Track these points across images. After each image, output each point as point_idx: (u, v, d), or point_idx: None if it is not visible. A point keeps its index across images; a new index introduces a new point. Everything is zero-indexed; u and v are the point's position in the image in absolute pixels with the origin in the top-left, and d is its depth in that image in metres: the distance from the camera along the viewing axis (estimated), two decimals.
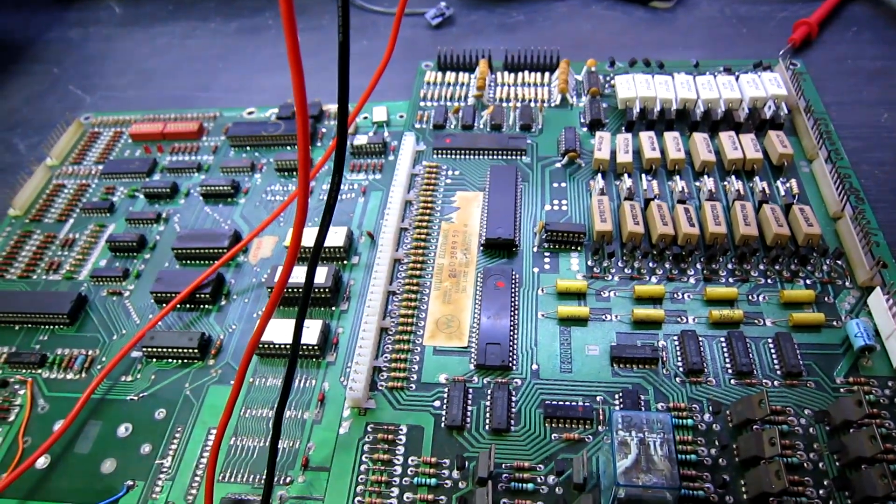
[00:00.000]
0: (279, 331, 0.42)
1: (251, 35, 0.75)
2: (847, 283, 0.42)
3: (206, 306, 0.46)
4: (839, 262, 0.43)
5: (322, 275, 0.44)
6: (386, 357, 0.41)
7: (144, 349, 0.43)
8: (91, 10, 0.85)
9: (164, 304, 0.46)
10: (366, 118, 0.58)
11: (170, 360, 0.43)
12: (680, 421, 0.36)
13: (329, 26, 0.74)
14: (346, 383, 0.39)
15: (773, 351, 0.39)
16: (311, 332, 0.42)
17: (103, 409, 0.41)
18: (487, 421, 0.37)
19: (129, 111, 0.64)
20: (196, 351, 0.42)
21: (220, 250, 0.48)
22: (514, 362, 0.40)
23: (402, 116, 0.57)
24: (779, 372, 0.38)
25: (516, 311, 0.42)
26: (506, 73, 0.59)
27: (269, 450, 0.33)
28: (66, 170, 0.59)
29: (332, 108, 0.60)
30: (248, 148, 0.58)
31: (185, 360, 0.43)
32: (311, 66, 0.69)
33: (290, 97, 0.62)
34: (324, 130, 0.58)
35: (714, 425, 0.36)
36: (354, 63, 0.68)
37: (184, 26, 0.79)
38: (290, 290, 0.44)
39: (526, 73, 0.59)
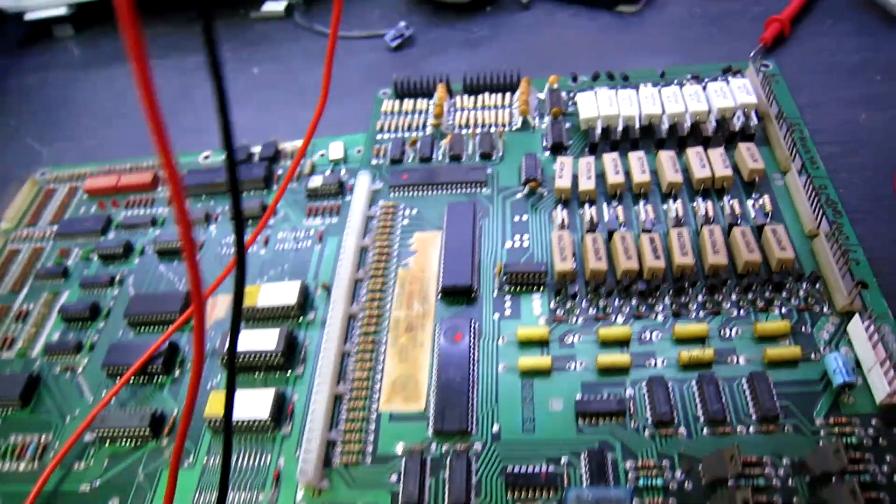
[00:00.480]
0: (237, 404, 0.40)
1: (207, 70, 0.73)
2: (825, 309, 0.39)
3: (160, 378, 0.44)
4: (817, 285, 0.40)
5: (272, 338, 0.42)
6: (340, 428, 0.39)
7: (96, 431, 0.41)
8: (50, 51, 0.83)
9: (118, 379, 0.44)
10: (322, 156, 0.56)
11: (123, 443, 0.41)
12: (649, 481, 0.34)
13: (288, 56, 0.72)
14: (300, 457, 0.37)
15: (747, 393, 0.37)
16: (263, 402, 0.40)
17: (56, 502, 0.39)
18: (447, 495, 0.35)
19: (84, 164, 0.62)
20: (148, 430, 0.41)
21: (174, 315, 0.46)
22: (474, 425, 0.37)
23: (359, 151, 0.55)
24: (754, 417, 0.36)
25: (476, 366, 0.40)
26: (465, 96, 0.57)
27: None
28: (21, 233, 0.57)
29: (290, 146, 0.58)
30: (203, 197, 0.56)
31: (138, 442, 0.41)
32: (269, 99, 0.67)
33: (248, 137, 0.59)
34: (279, 172, 0.56)
35: (686, 483, 0.34)
36: (314, 92, 0.66)
37: None
38: (245, 356, 0.42)
39: (486, 94, 0.56)
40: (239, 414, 0.40)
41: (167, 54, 0.77)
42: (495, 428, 0.37)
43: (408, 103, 0.57)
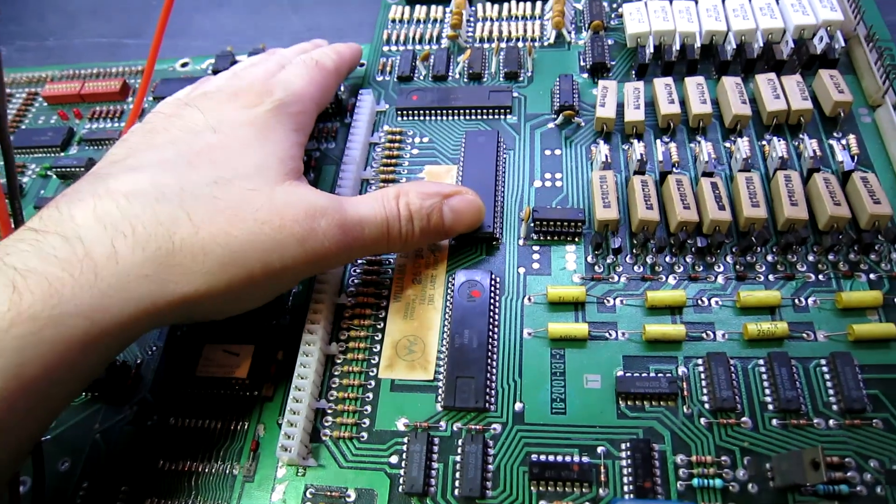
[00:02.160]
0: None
1: None
2: None
3: None
4: None
5: None
6: (332, 396, 0.32)
7: None
8: None
9: None
10: None
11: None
12: (705, 481, 0.28)
13: None
14: (282, 429, 0.31)
15: (827, 378, 0.30)
16: (242, 361, 0.34)
17: None
18: (457, 485, 0.29)
19: (45, 66, 0.54)
20: (105, 383, 0.34)
21: None
22: (493, 401, 0.31)
23: (361, 65, 0.46)
24: (835, 407, 0.29)
25: (496, 330, 0.33)
26: (488, 4, 0.48)
27: None
28: None
29: None
30: None
31: (94, 395, 0.35)
32: (257, 1, 0.58)
33: (231, 43, 0.51)
34: None
35: (750, 486, 0.28)
36: None
37: None
38: None
39: (513, 2, 0.47)
40: (213, 371, 0.34)
41: None
42: (518, 406, 0.31)
43: (420, 10, 0.48)
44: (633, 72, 0.42)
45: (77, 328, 0.24)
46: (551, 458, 0.29)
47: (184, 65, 0.51)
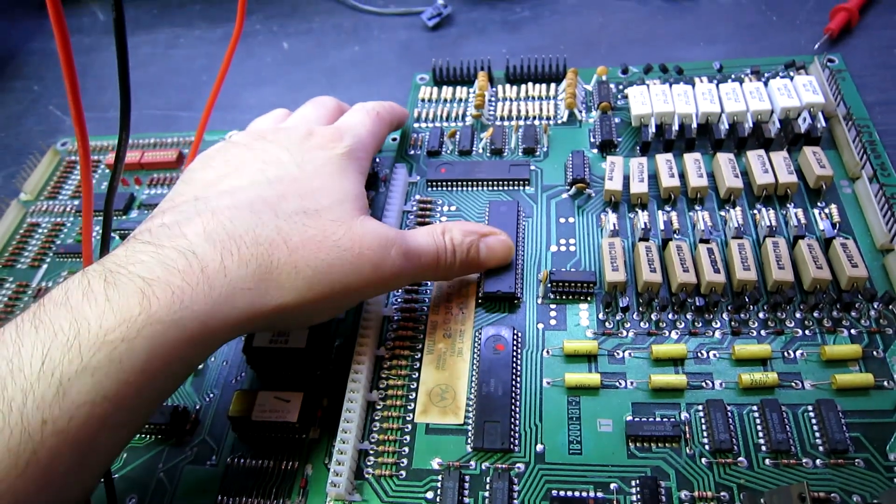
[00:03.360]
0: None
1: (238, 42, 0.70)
2: None
3: None
4: (890, 306, 0.37)
5: (302, 337, 0.39)
6: (373, 438, 0.36)
7: None
8: (75, 16, 0.80)
9: None
10: None
11: (142, 437, 0.40)
12: None
13: (320, 30, 0.69)
14: (331, 467, 0.35)
15: (814, 422, 0.34)
16: (292, 407, 0.38)
17: None
18: None
19: (107, 136, 0.60)
20: (168, 427, 0.39)
21: None
22: (516, 443, 0.35)
23: (395, 140, 0.52)
24: (821, 448, 0.33)
25: (519, 379, 0.37)
26: (507, 85, 0.53)
27: None
28: (41, 206, 0.55)
29: None
30: None
31: (158, 437, 0.39)
32: (298, 78, 0.64)
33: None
34: None
35: None
36: (346, 71, 0.63)
37: (168, 34, 0.74)
38: (274, 353, 0.40)
39: (530, 84, 0.53)
40: (266, 415, 0.38)
41: (196, 23, 0.74)
42: (539, 447, 0.35)
43: (447, 91, 0.54)
44: (638, 147, 0.47)
45: (193, 331, 0.29)
46: (570, 493, 0.33)
47: (230, 136, 0.57)
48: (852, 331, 0.37)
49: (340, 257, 0.33)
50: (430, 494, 0.34)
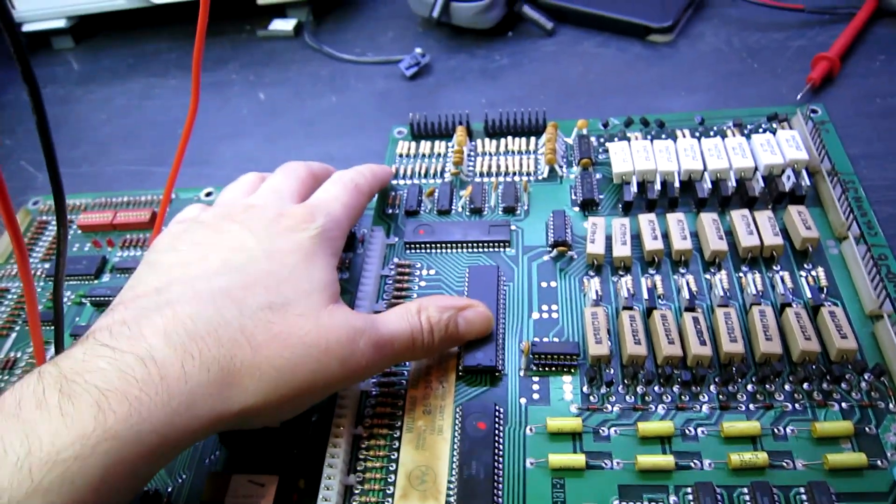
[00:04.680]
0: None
1: (213, 92, 0.69)
2: (892, 406, 0.35)
3: None
4: (882, 378, 0.36)
5: None
6: None
7: None
8: (48, 65, 0.79)
9: None
10: None
11: None
12: None
13: (297, 79, 0.68)
14: None
15: None
16: (266, 492, 0.36)
17: None
18: None
19: (80, 194, 0.59)
20: None
21: None
22: None
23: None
24: None
25: (501, 460, 0.36)
26: (486, 139, 0.53)
27: None
28: (9, 270, 0.54)
29: None
30: None
31: None
32: (275, 129, 0.63)
33: (249, 170, 0.55)
34: None
35: None
36: (323, 122, 0.62)
37: (143, 84, 0.73)
38: (248, 433, 0.38)
39: (509, 138, 0.52)
40: (240, 502, 0.36)
41: (171, 72, 0.73)
42: None
43: (425, 145, 0.53)
44: (620, 206, 0.46)
45: (151, 444, 0.27)
46: None
47: (207, 194, 0.56)
48: (843, 404, 0.36)
49: (306, 354, 0.31)
50: None
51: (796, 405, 0.36)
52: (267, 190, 0.41)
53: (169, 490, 0.39)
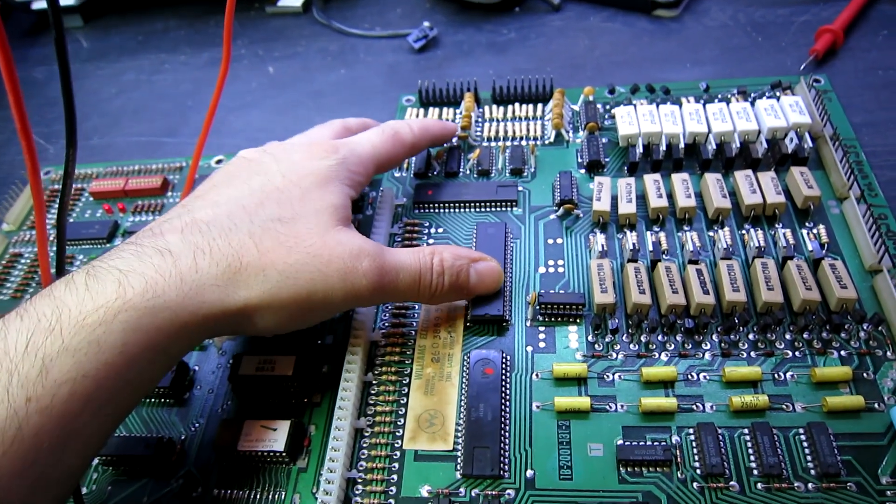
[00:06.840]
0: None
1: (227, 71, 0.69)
2: (889, 354, 0.36)
3: (167, 400, 0.41)
4: (879, 328, 0.37)
5: (288, 365, 0.39)
6: (361, 466, 0.36)
7: (100, 455, 0.38)
8: None
9: None
10: None
11: (126, 468, 0.39)
12: None
13: (305, 53, 0.69)
14: (318, 496, 0.34)
15: (805, 445, 0.34)
16: (279, 436, 0.37)
17: None
18: None
19: (91, 164, 0.60)
20: (153, 458, 0.38)
21: None
22: (506, 468, 0.35)
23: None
24: (813, 472, 0.33)
25: (508, 404, 0.37)
26: (494, 106, 0.53)
27: None
28: (23, 236, 0.55)
29: None
30: None
31: (142, 468, 0.38)
32: (284, 101, 0.64)
33: (262, 139, 0.56)
34: None
35: None
36: (332, 94, 0.63)
37: (152, 59, 0.74)
38: (260, 381, 0.39)
39: (516, 105, 0.53)
40: (253, 445, 0.37)
41: (181, 48, 0.74)
42: (529, 473, 0.34)
43: (433, 112, 0.54)
44: (626, 168, 0.47)
45: (165, 319, 0.30)
46: None
47: (218, 161, 0.57)
48: (842, 352, 0.36)
49: (308, 263, 0.33)
50: None
51: (796, 353, 0.37)
52: (312, 130, 0.44)
53: (182, 437, 0.40)
